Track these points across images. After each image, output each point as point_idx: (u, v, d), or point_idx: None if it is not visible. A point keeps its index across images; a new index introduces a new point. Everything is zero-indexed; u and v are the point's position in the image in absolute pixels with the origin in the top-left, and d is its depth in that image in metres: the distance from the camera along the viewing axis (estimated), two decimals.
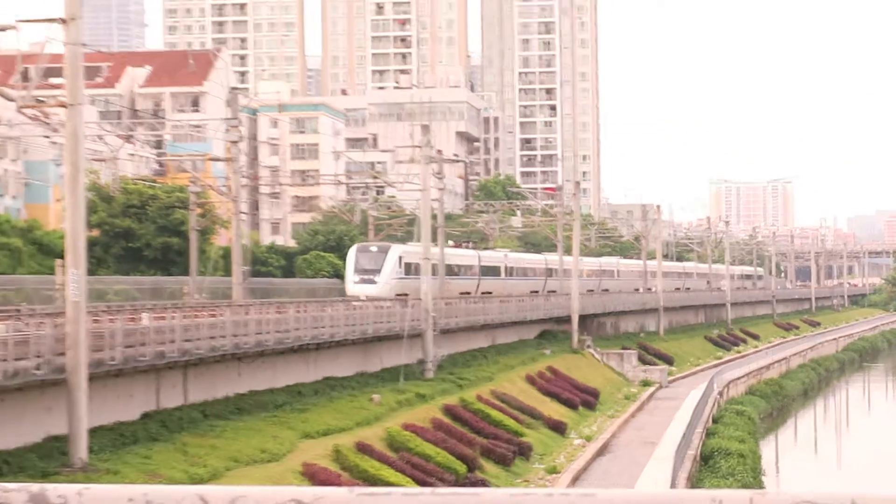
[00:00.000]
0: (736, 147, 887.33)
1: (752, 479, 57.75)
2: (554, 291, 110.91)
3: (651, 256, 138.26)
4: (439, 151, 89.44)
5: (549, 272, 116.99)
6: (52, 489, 2.17)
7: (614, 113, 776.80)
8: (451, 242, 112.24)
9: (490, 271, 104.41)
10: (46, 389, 38.22)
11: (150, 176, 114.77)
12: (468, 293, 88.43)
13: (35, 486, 2.14)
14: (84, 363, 36.66)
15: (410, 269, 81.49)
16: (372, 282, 79.56)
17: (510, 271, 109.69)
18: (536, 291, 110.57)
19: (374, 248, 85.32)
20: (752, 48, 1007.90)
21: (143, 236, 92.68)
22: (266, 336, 53.79)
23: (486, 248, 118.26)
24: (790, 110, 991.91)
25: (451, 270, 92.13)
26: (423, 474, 47.77)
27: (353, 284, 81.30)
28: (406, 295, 75.02)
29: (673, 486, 46.83)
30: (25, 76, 41.70)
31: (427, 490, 2.02)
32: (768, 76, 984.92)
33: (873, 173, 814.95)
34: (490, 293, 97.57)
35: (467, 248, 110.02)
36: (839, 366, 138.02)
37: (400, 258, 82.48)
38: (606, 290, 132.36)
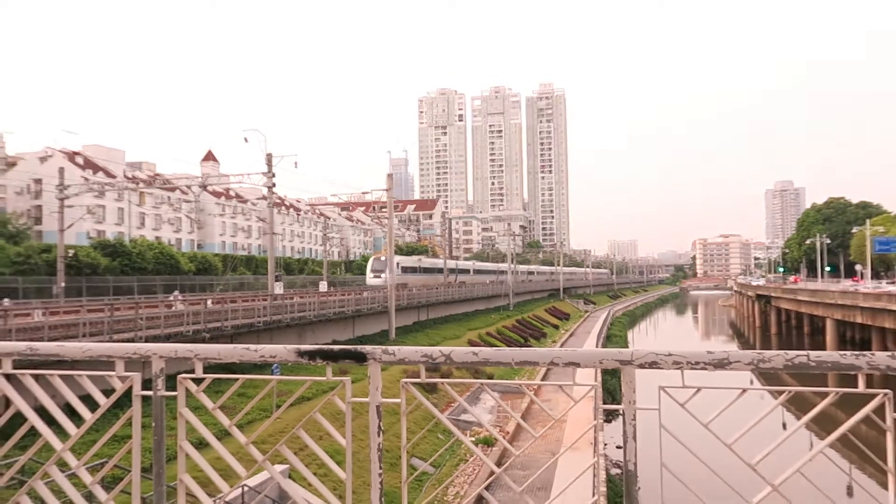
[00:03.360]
0: (627, 213, 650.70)
1: (626, 346, 55.07)
2: (464, 282, 64.57)
3: (588, 267, 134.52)
4: (513, 232, 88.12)
5: (451, 271, 65.69)
6: (388, 348, 1.89)
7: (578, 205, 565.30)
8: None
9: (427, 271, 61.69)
10: (380, 315, 37.77)
11: (415, 241, 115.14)
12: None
13: (382, 347, 1.95)
14: (392, 305, 36.19)
15: (405, 270, 54.81)
16: (380, 276, 50.47)
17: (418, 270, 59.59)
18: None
19: (382, 258, 52.42)
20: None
21: None
22: (456, 295, 52.96)
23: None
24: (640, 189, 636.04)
25: (428, 270, 60.98)
26: (509, 343, 46.47)
27: (370, 278, 52.49)
28: (405, 284, 50.90)
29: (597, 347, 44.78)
30: (373, 209, 41.57)
31: (518, 348, 1.68)
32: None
33: (671, 228, 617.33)
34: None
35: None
36: (655, 305, 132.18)
37: (398, 263, 53.29)
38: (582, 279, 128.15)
